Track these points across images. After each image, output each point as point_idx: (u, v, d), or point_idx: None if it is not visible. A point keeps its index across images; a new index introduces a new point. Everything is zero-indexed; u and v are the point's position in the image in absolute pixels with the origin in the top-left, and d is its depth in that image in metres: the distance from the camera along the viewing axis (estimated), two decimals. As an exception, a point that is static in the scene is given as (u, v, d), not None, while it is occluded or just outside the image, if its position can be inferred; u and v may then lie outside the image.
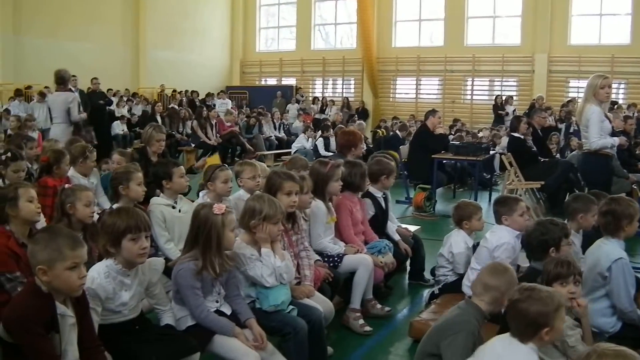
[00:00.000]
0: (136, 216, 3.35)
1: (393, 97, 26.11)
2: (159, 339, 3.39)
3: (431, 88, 25.55)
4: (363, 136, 8.44)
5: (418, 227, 7.44)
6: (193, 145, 16.91)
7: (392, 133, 16.14)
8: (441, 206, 10.66)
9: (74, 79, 12.20)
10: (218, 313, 3.65)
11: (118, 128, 17.85)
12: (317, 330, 3.96)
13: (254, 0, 28.99)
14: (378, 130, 18.58)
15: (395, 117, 21.67)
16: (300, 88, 26.79)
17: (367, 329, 5.02)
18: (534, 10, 21.92)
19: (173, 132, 17.23)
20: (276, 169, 4.92)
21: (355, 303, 5.09)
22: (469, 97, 24.25)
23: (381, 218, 5.96)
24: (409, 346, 4.79)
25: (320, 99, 25.37)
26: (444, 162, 10.89)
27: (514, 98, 21.35)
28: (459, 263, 5.38)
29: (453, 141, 11.82)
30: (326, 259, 5.00)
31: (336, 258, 5.05)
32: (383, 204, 6.00)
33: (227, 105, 22.24)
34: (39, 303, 2.81)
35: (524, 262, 4.94)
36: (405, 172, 11.32)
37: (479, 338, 3.25)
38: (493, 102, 20.94)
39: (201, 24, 26.63)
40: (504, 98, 20.77)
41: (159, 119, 17.29)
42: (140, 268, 3.43)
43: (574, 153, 11.93)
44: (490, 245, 4.88)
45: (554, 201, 10.24)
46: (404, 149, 12.16)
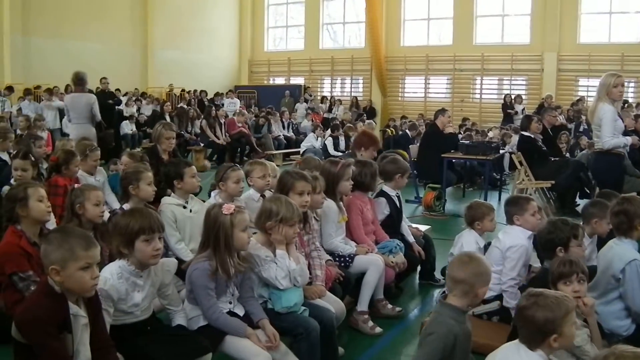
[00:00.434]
0: (150, 217, 3.34)
1: (402, 96, 26.05)
2: (171, 340, 3.38)
3: (440, 87, 25.48)
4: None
5: (428, 227, 7.40)
6: (202, 144, 16.93)
7: (401, 132, 16.11)
8: (451, 205, 10.64)
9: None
10: (231, 314, 3.63)
11: (127, 128, 17.88)
12: (329, 330, 3.94)
13: (262, -1, 29.04)
14: (387, 129, 18.54)
15: (403, 116, 21.66)
16: (308, 87, 26.76)
17: (378, 330, 4.99)
18: (543, 8, 21.81)
19: (182, 132, 17.23)
20: (288, 169, 4.90)
21: (362, 305, 5.04)
22: (478, 96, 24.16)
23: (396, 217, 5.93)
24: (420, 346, 4.76)
25: (328, 98, 25.34)
26: (454, 162, 10.85)
27: (524, 97, 21.24)
28: (470, 263, 5.34)
29: (463, 140, 11.76)
30: (337, 259, 4.98)
31: (347, 258, 5.03)
32: (397, 203, 5.98)
33: (236, 104, 22.25)
34: (52, 303, 2.80)
35: (536, 262, 4.92)
36: (414, 172, 11.28)
37: (465, 334, 3.18)
38: (502, 101, 20.84)
39: (209, 24, 26.65)
40: (513, 97, 20.68)
41: (168, 119, 17.29)
42: (152, 269, 3.42)
43: (584, 152, 11.88)
44: (502, 246, 4.83)
45: (564, 201, 10.21)
46: (414, 148, 12.13)
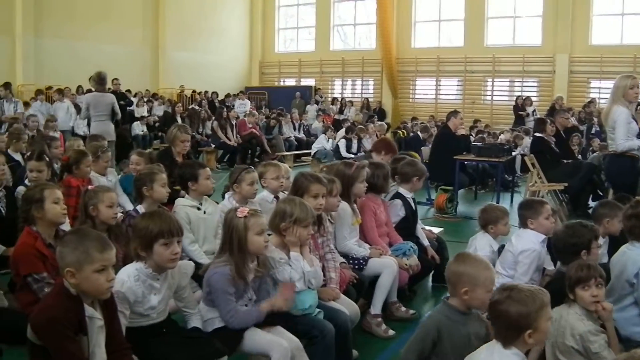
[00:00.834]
0: (169, 221, 3.33)
1: (412, 98, 26.02)
2: (186, 343, 3.38)
3: (451, 89, 25.41)
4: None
5: (441, 229, 7.38)
6: (213, 145, 16.96)
7: (413, 134, 16.08)
8: (462, 208, 10.61)
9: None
10: None
11: (138, 129, 17.92)
12: (344, 333, 3.93)
13: (273, 1, 29.04)
14: (398, 131, 18.53)
15: (414, 118, 21.64)
16: (319, 89, 26.76)
17: (391, 333, 4.98)
18: (555, 10, 21.72)
19: (193, 133, 17.25)
20: (303, 171, 4.90)
21: (376, 308, 5.03)
22: (489, 98, 24.10)
23: (412, 219, 5.92)
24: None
25: (339, 100, 25.33)
26: (466, 164, 10.81)
27: (535, 99, 21.17)
28: (484, 267, 5.31)
29: (475, 142, 11.72)
30: (351, 262, 4.97)
31: (361, 260, 5.01)
32: (413, 205, 5.97)
33: (246, 105, 22.29)
34: (68, 305, 2.80)
35: (549, 265, 4.88)
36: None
37: (461, 334, 3.16)
38: (513, 103, 20.76)
39: (220, 25, 26.71)
40: (524, 98, 20.61)
41: (179, 120, 17.34)
42: (170, 272, 3.41)
43: (595, 154, 11.84)
44: (515, 249, 4.79)
45: (577, 203, 10.15)
46: (426, 150, 12.11)
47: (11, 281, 4.19)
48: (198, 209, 4.95)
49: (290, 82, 28.89)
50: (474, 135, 14.93)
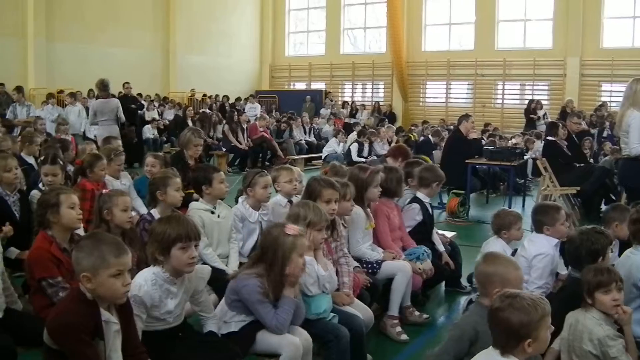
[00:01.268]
0: (187, 225, 3.32)
1: (423, 101, 26.03)
2: (202, 347, 3.38)
3: (461, 92, 25.42)
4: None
5: (454, 234, 7.35)
6: (224, 149, 16.97)
7: (424, 137, 16.04)
8: (474, 212, 10.57)
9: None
10: None
11: (149, 132, 18.00)
12: (358, 338, 3.92)
13: (283, 5, 29.10)
14: (409, 134, 18.48)
15: (425, 122, 21.58)
16: (329, 92, 26.75)
17: (404, 337, 4.96)
18: (566, 13, 21.69)
19: (205, 137, 17.23)
20: (316, 176, 4.89)
21: (393, 310, 5.04)
22: (500, 101, 24.06)
23: (428, 224, 5.93)
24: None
25: (349, 103, 25.32)
26: (477, 167, 10.78)
27: (546, 102, 21.10)
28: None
29: (486, 146, 11.68)
30: (365, 266, 4.97)
31: (375, 264, 5.02)
32: (430, 210, 5.98)
33: (257, 109, 22.31)
34: (84, 310, 2.80)
35: (563, 270, 4.85)
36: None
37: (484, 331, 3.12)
38: (524, 106, 20.66)
39: (231, 29, 26.78)
40: (535, 102, 20.51)
41: (191, 123, 17.35)
42: (187, 276, 3.41)
43: (607, 158, 11.77)
44: (528, 254, 4.76)
45: (590, 207, 10.10)
46: (437, 154, 12.08)
47: (25, 283, 4.21)
48: (212, 213, 4.95)
49: (300, 86, 28.91)
50: (486, 138, 14.88)
